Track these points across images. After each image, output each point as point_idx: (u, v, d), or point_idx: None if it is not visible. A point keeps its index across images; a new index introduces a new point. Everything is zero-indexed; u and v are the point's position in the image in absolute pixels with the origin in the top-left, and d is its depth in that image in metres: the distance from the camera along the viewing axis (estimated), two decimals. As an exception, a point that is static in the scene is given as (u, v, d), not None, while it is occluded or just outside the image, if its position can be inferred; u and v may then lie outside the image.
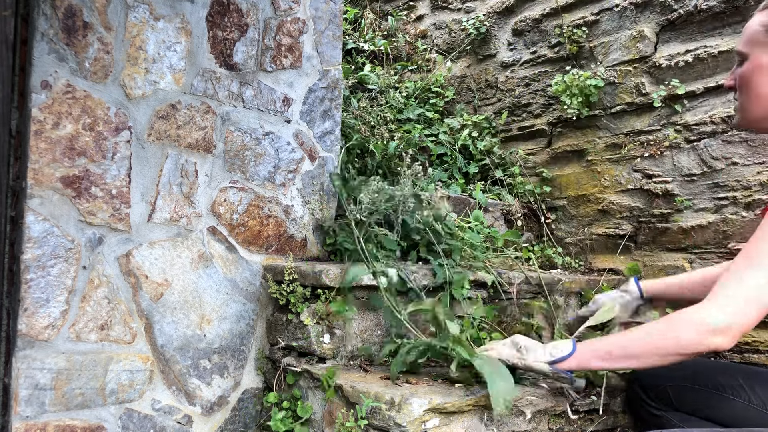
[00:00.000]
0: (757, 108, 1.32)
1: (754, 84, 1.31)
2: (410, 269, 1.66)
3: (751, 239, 1.20)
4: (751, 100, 1.32)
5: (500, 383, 1.30)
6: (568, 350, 1.32)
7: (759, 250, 1.17)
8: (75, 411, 1.46)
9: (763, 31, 1.30)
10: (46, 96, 1.43)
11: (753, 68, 1.30)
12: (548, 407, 1.43)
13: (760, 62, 1.29)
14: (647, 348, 1.23)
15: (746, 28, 1.34)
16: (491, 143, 2.67)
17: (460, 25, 2.98)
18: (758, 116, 1.33)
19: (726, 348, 1.15)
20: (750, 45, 1.32)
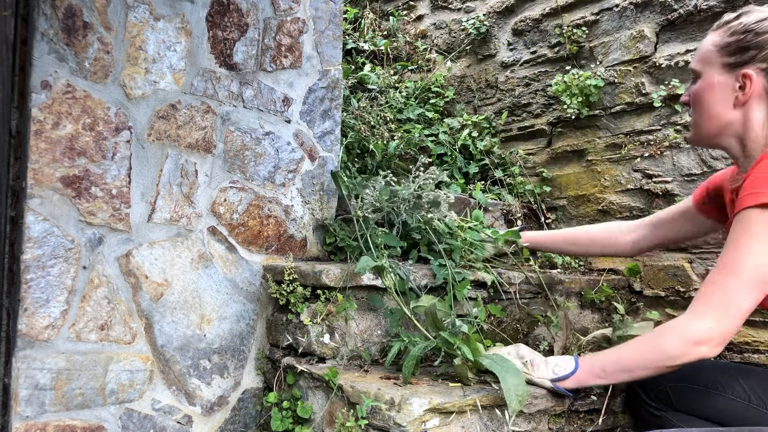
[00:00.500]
0: (708, 126, 1.36)
1: (706, 103, 1.35)
2: (410, 269, 1.66)
3: (725, 249, 1.24)
4: (703, 118, 1.36)
5: (511, 380, 1.30)
6: (569, 369, 1.37)
7: (732, 259, 1.21)
8: (75, 411, 1.46)
9: (715, 51, 1.33)
10: (46, 96, 1.43)
11: (705, 87, 1.35)
12: (548, 407, 1.43)
13: (711, 81, 1.34)
14: (638, 362, 1.28)
15: (700, 47, 1.38)
16: (491, 143, 2.67)
17: (460, 25, 2.98)
18: (709, 133, 1.38)
19: (712, 356, 1.20)
20: (703, 63, 1.36)
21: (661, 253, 2.16)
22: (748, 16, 1.31)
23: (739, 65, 1.30)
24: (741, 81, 1.30)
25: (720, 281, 1.21)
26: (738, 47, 1.30)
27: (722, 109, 1.33)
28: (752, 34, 1.28)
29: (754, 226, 1.19)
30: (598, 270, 2.33)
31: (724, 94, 1.32)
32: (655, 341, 1.27)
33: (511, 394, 1.28)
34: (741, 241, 1.20)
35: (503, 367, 1.34)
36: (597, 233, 1.86)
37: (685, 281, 2.07)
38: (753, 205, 1.19)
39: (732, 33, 1.31)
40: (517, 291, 1.90)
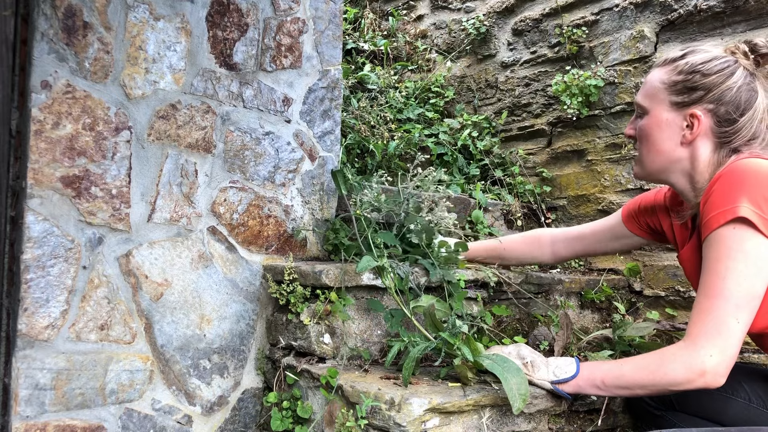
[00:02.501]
0: (656, 161, 1.37)
1: (653, 139, 1.36)
2: (409, 269, 1.66)
3: (705, 272, 1.23)
4: (651, 154, 1.37)
5: (513, 380, 1.30)
6: (570, 373, 1.37)
7: (716, 283, 1.20)
8: (75, 411, 1.46)
9: (663, 89, 1.34)
10: (46, 96, 1.43)
11: (653, 124, 1.36)
12: (548, 407, 1.43)
13: (659, 119, 1.35)
14: (638, 381, 1.28)
15: (646, 82, 1.39)
16: (491, 143, 2.67)
17: (460, 25, 2.98)
18: (656, 169, 1.39)
19: (717, 385, 1.20)
20: (650, 100, 1.36)
21: (661, 253, 2.16)
22: (693, 56, 1.32)
23: (687, 105, 1.31)
24: (689, 120, 1.31)
25: (710, 307, 1.20)
26: (685, 87, 1.31)
27: (670, 147, 1.34)
28: (699, 75, 1.29)
29: (729, 244, 1.19)
30: (598, 270, 2.33)
31: (672, 131, 1.33)
32: (659, 366, 1.25)
33: (514, 394, 1.28)
34: (721, 263, 1.20)
35: (504, 367, 1.34)
36: (520, 246, 1.87)
37: (685, 281, 2.07)
38: (722, 224, 1.19)
39: (679, 72, 1.32)
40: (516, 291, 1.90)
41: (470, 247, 1.85)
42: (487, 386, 1.41)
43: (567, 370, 1.38)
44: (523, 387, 1.30)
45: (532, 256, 1.85)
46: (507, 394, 1.28)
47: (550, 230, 1.86)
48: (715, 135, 1.31)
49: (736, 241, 1.18)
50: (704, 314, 1.21)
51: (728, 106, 1.28)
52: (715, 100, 1.29)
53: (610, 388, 1.32)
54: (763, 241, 1.16)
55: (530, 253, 1.85)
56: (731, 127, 1.29)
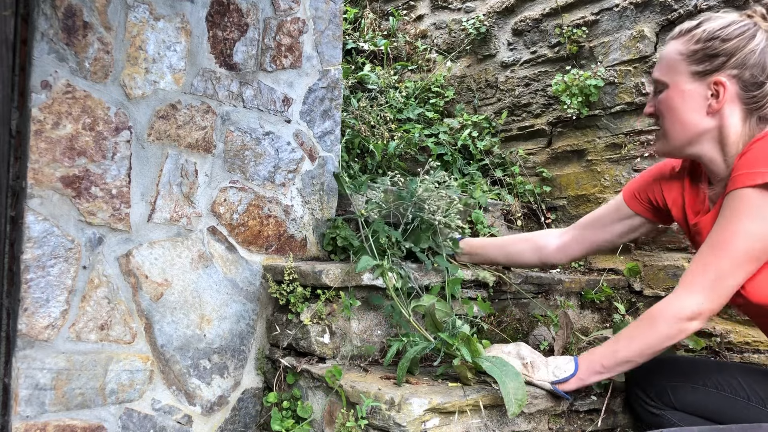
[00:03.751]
0: (682, 134, 1.34)
1: (677, 112, 1.33)
2: (411, 267, 1.66)
3: (717, 227, 1.25)
4: (676, 126, 1.34)
5: (510, 384, 1.30)
6: (569, 371, 1.38)
7: (725, 238, 1.22)
8: (75, 411, 1.46)
9: (681, 59, 1.32)
10: (46, 96, 1.43)
11: (675, 96, 1.33)
12: (548, 407, 1.43)
13: (682, 90, 1.32)
14: (636, 350, 1.31)
15: (662, 56, 1.36)
16: (491, 143, 2.67)
17: (460, 25, 2.98)
18: (683, 143, 1.35)
19: (699, 328, 1.25)
20: (669, 73, 1.34)
21: (661, 253, 2.16)
22: (710, 23, 1.30)
23: (709, 73, 1.28)
24: (713, 89, 1.28)
25: (713, 261, 1.22)
26: (705, 54, 1.28)
27: (696, 118, 1.31)
28: (719, 41, 1.27)
29: (749, 205, 1.19)
30: (598, 270, 2.33)
31: (697, 102, 1.30)
32: (649, 327, 1.29)
33: (510, 398, 1.28)
34: (734, 220, 1.20)
35: (503, 371, 1.34)
36: (525, 238, 1.81)
37: (685, 281, 2.07)
38: (749, 185, 1.18)
39: (697, 41, 1.29)
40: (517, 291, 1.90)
41: (471, 242, 1.84)
42: (487, 386, 1.41)
43: (566, 369, 1.39)
44: (521, 392, 1.29)
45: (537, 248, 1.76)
46: (504, 398, 1.28)
47: (558, 229, 1.82)
48: (743, 101, 1.28)
49: (758, 205, 1.18)
50: (704, 267, 1.24)
51: (753, 70, 1.25)
52: (738, 65, 1.25)
53: (613, 368, 1.33)
54: None
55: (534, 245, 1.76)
56: (760, 91, 1.26)
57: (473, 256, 1.84)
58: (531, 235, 1.80)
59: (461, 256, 1.82)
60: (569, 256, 1.72)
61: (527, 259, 1.79)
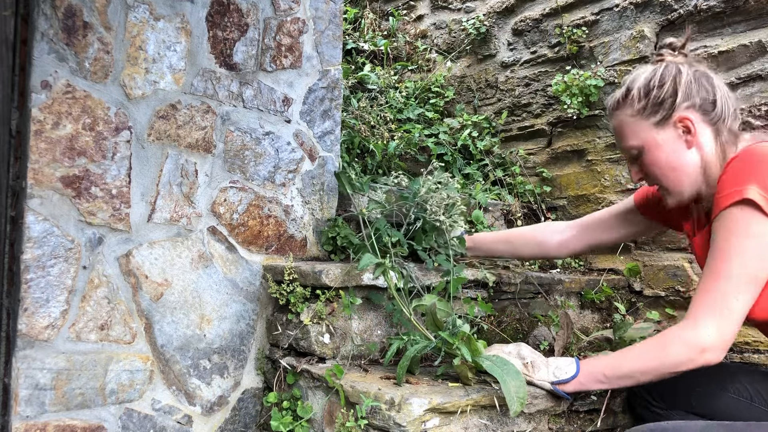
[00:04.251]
0: (683, 178, 1.36)
1: (666, 161, 1.36)
2: (413, 267, 1.66)
3: (711, 253, 1.25)
4: (673, 175, 1.37)
5: (512, 383, 1.30)
6: (570, 373, 1.38)
7: (721, 263, 1.23)
8: (75, 411, 1.46)
9: (638, 119, 1.37)
10: (46, 96, 1.43)
11: (655, 150, 1.36)
12: (548, 407, 1.43)
13: (657, 142, 1.35)
14: (641, 368, 1.29)
15: (620, 128, 1.41)
16: (491, 143, 2.67)
17: (460, 25, 2.98)
18: (687, 185, 1.37)
19: (716, 361, 1.23)
20: (638, 136, 1.38)
21: (661, 253, 2.16)
22: (637, 82, 1.37)
23: (668, 116, 1.34)
24: (681, 126, 1.34)
25: (714, 287, 1.23)
26: (654, 104, 1.34)
27: (684, 157, 1.35)
28: (656, 89, 1.34)
29: (735, 225, 1.21)
30: (598, 270, 2.33)
31: (676, 144, 1.35)
32: (659, 349, 1.27)
33: (512, 397, 1.28)
34: (727, 243, 1.22)
35: (504, 369, 1.34)
36: (528, 231, 1.84)
37: (685, 281, 2.07)
38: (729, 204, 1.21)
39: (639, 99, 1.36)
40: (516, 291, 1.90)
41: (476, 237, 1.85)
42: (487, 386, 1.41)
43: (567, 370, 1.39)
44: (522, 390, 1.30)
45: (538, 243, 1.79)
46: (505, 397, 1.28)
47: (559, 222, 1.84)
48: (709, 123, 1.34)
49: (743, 223, 1.20)
50: (706, 293, 1.23)
51: (701, 94, 1.33)
52: (686, 97, 1.33)
53: (613, 380, 1.33)
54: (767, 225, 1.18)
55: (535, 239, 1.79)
56: (716, 108, 1.33)
57: (475, 250, 1.86)
58: (534, 230, 1.83)
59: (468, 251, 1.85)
60: (570, 251, 1.76)
61: (529, 253, 1.83)
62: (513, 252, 1.85)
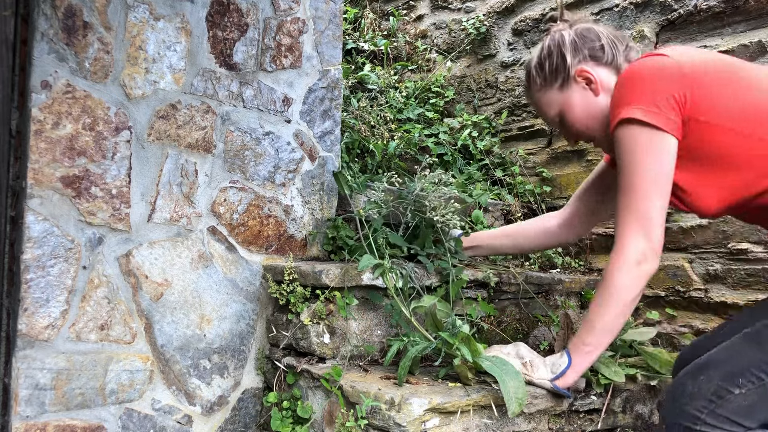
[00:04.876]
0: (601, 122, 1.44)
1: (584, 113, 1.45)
2: (412, 267, 1.66)
3: (619, 174, 1.34)
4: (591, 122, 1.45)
5: (511, 383, 1.30)
6: (565, 363, 1.40)
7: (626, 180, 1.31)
8: (75, 411, 1.46)
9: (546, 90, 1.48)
10: (46, 96, 1.43)
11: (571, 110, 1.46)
12: (548, 407, 1.43)
13: (570, 102, 1.46)
14: (607, 314, 1.34)
15: (535, 103, 1.53)
16: (491, 143, 2.67)
17: (460, 25, 2.98)
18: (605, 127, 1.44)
19: (656, 267, 1.30)
20: (553, 105, 1.49)
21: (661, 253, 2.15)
22: (533, 57, 1.50)
23: (567, 77, 1.44)
24: (582, 80, 1.43)
25: (627, 203, 1.30)
26: (551, 72, 1.45)
27: (595, 104, 1.44)
28: (547, 61, 1.46)
29: (626, 142, 1.30)
30: (599, 270, 2.33)
31: (585, 96, 1.44)
32: (608, 289, 1.33)
33: (511, 397, 1.28)
34: (624, 160, 1.31)
35: (503, 370, 1.34)
36: (528, 222, 1.86)
37: (685, 281, 2.07)
38: (614, 127, 1.31)
39: (537, 74, 1.48)
40: (517, 291, 1.90)
41: (476, 236, 1.85)
42: (487, 386, 1.41)
43: (560, 363, 1.40)
44: (521, 391, 1.29)
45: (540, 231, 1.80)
46: (504, 397, 1.28)
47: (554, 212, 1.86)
48: (605, 65, 1.44)
49: (629, 137, 1.29)
50: (623, 212, 1.31)
51: (587, 45, 1.44)
52: (575, 54, 1.44)
53: (597, 342, 1.36)
54: (652, 132, 1.26)
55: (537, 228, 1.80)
56: (605, 52, 1.44)
57: (477, 249, 1.86)
58: (533, 220, 1.85)
59: (466, 251, 1.85)
60: (572, 231, 1.78)
61: (533, 243, 1.84)
62: (515, 245, 1.86)
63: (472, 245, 1.84)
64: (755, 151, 1.24)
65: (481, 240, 1.85)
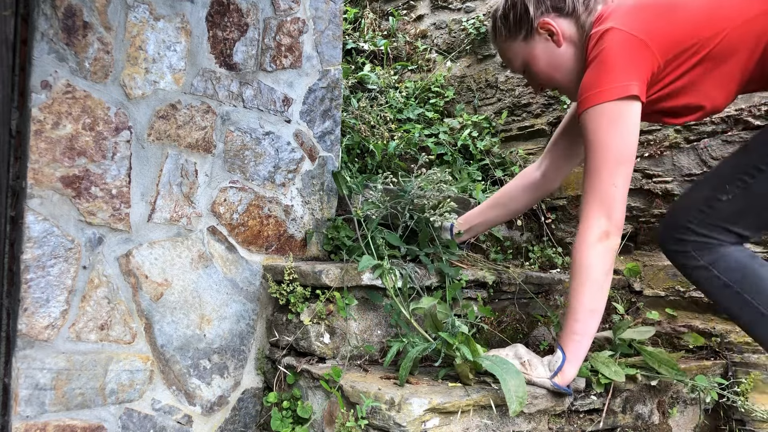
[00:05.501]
0: (567, 73, 1.51)
1: (548, 64, 1.51)
2: (414, 267, 1.66)
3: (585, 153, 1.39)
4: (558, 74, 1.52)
5: (511, 382, 1.30)
6: (560, 358, 1.41)
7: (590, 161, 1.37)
8: (75, 411, 1.46)
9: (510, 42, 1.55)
10: (46, 96, 1.43)
11: (536, 61, 1.52)
12: (548, 407, 1.43)
13: (534, 53, 1.52)
14: (586, 298, 1.38)
15: (502, 54, 1.60)
16: (491, 143, 2.67)
17: (460, 25, 2.98)
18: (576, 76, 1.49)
19: (618, 240, 1.36)
20: (518, 56, 1.55)
21: (660, 253, 2.16)
22: (497, 13, 1.56)
23: (530, 29, 1.50)
24: (544, 32, 1.49)
25: (591, 185, 1.36)
26: (515, 25, 1.52)
27: (560, 55, 1.50)
28: (511, 12, 1.51)
29: (592, 125, 1.35)
30: (598, 270, 2.32)
31: (549, 47, 1.50)
32: (578, 271, 1.37)
33: (512, 396, 1.28)
34: (589, 141, 1.37)
35: (503, 368, 1.34)
36: (510, 186, 1.89)
37: (685, 281, 2.07)
38: (583, 109, 1.36)
39: (502, 26, 1.55)
40: (517, 291, 1.90)
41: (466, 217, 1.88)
42: (487, 386, 1.41)
43: (556, 359, 1.41)
44: (521, 389, 1.30)
45: (524, 186, 1.84)
46: (505, 396, 1.28)
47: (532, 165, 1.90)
48: (566, 16, 1.49)
49: (595, 121, 1.35)
50: (589, 193, 1.37)
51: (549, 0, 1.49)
52: (537, 6, 1.49)
53: (584, 327, 1.39)
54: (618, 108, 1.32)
55: (521, 184, 1.85)
56: (566, 3, 1.49)
57: (471, 231, 1.89)
58: (513, 182, 1.89)
59: (463, 236, 1.88)
60: (557, 172, 1.82)
61: (523, 203, 1.89)
62: (508, 212, 1.90)
63: (467, 228, 1.86)
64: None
65: (472, 219, 1.88)
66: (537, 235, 2.50)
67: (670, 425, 1.77)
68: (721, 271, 1.45)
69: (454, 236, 1.87)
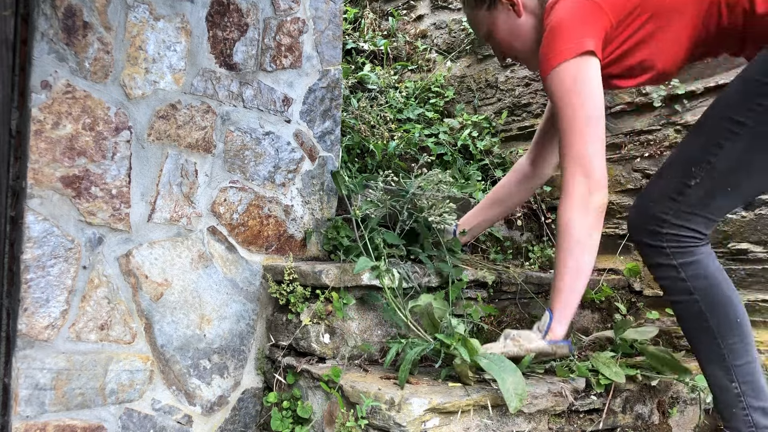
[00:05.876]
0: (529, 41, 1.56)
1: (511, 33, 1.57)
2: (413, 267, 1.66)
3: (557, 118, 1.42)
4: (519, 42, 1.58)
5: (509, 379, 1.30)
6: (547, 318, 1.43)
7: (562, 124, 1.39)
8: (75, 411, 1.46)
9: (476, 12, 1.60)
10: (46, 96, 1.43)
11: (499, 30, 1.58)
12: (548, 407, 1.43)
13: (495, 24, 1.58)
14: (574, 256, 1.38)
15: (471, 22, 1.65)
16: (491, 143, 2.67)
17: (460, 25, 2.98)
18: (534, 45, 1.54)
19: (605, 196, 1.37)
20: (482, 26, 1.61)
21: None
22: None
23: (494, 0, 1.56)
24: (507, 2, 1.54)
25: (567, 146, 1.38)
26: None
27: (521, 24, 1.56)
28: None
29: (555, 87, 1.38)
30: (598, 270, 2.33)
31: (510, 17, 1.56)
32: (563, 233, 1.37)
33: (511, 394, 1.28)
34: (556, 104, 1.40)
35: (500, 366, 1.34)
36: (504, 181, 1.91)
37: (685, 281, 2.07)
38: (546, 75, 1.40)
39: None
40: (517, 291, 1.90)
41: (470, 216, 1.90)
42: (487, 386, 1.41)
43: (544, 320, 1.44)
44: (520, 387, 1.30)
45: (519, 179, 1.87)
46: (503, 394, 1.28)
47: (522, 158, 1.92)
48: None
49: (558, 84, 1.38)
50: (565, 157, 1.39)
51: None
52: None
53: (570, 287, 1.39)
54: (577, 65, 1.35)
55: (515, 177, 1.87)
56: None
57: (472, 231, 1.91)
58: (508, 175, 1.91)
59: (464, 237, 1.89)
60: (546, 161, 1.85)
61: (522, 195, 1.92)
62: (506, 208, 1.92)
63: (468, 229, 1.88)
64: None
65: (471, 221, 1.90)
66: (537, 235, 2.50)
67: (670, 425, 1.77)
68: (689, 277, 1.41)
69: (458, 235, 1.87)
